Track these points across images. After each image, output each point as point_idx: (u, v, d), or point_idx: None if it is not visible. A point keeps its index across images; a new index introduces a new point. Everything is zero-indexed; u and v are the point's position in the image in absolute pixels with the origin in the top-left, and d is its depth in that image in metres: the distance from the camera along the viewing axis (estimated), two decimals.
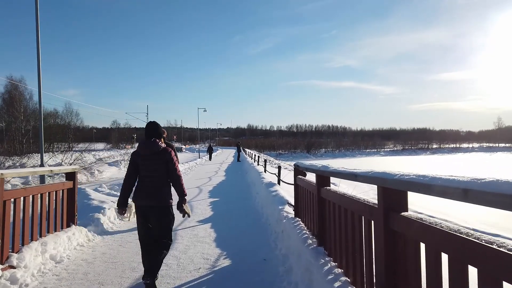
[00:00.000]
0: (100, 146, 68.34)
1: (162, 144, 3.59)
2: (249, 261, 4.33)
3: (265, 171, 13.45)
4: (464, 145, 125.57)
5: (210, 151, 34.91)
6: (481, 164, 46.03)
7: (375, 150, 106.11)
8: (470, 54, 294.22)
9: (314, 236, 3.82)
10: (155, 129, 3.62)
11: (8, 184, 14.04)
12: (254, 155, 27.82)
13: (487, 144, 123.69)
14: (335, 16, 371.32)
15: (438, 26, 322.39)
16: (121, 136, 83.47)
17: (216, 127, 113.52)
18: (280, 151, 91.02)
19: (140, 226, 3.55)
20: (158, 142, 3.52)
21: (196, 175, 17.73)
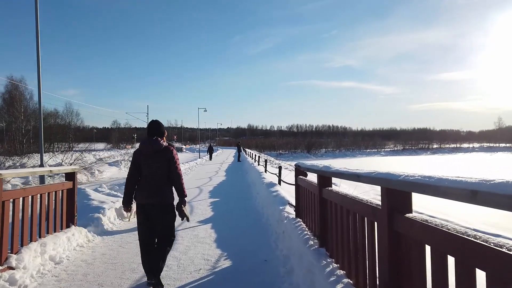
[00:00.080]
0: (100, 146, 68.27)
1: (164, 143, 3.57)
2: (250, 262, 4.30)
3: (265, 171, 13.41)
4: (465, 145, 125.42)
5: (211, 151, 35.15)
6: (482, 164, 45.95)
7: (376, 150, 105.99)
8: (470, 54, 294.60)
9: (315, 237, 3.78)
10: (157, 127, 3.61)
11: (8, 184, 14.01)
12: (255, 155, 27.80)
13: (488, 144, 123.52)
14: (335, 16, 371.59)
15: (438, 26, 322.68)
16: (121, 136, 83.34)
17: (217, 127, 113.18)
18: (280, 151, 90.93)
19: (141, 225, 3.53)
20: (160, 141, 3.52)
21: (196, 175, 17.70)
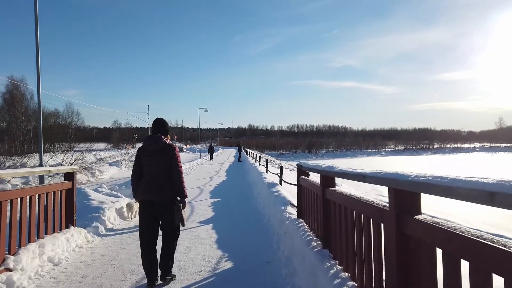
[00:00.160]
0: (101, 146, 68.26)
1: (168, 141, 3.58)
2: (251, 263, 4.23)
3: (266, 171, 13.34)
4: (466, 145, 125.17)
5: (211, 151, 35.23)
6: (483, 164, 45.82)
7: (376, 150, 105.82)
8: (471, 54, 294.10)
9: (318, 238, 3.72)
10: (161, 125, 3.63)
11: (9, 184, 13.96)
12: (255, 155, 27.73)
13: (489, 144, 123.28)
14: (335, 16, 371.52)
15: (438, 26, 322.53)
16: (122, 136, 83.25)
17: (217, 127, 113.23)
18: (281, 151, 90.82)
19: (142, 223, 3.52)
20: (163, 139, 3.53)
21: (197, 175, 17.64)
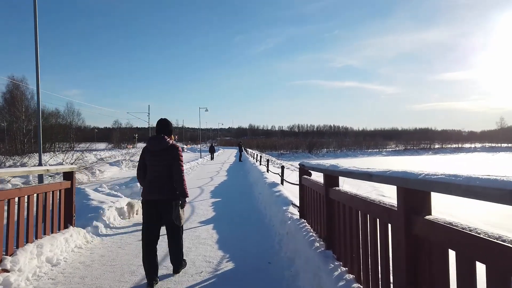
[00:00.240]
0: (101, 146, 68.22)
1: (171, 141, 3.64)
2: (253, 264, 4.16)
3: (267, 171, 13.27)
4: (467, 145, 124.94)
5: (212, 150, 35.18)
6: (484, 164, 45.70)
7: (377, 150, 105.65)
8: (471, 53, 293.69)
9: (321, 239, 3.64)
10: (165, 126, 3.70)
11: (9, 184, 13.91)
12: (256, 155, 27.66)
13: (490, 144, 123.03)
14: (336, 16, 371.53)
15: (439, 26, 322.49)
16: (122, 136, 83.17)
17: (218, 127, 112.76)
18: (281, 151, 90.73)
19: (145, 222, 3.57)
20: (167, 139, 3.59)
21: (197, 175, 17.57)
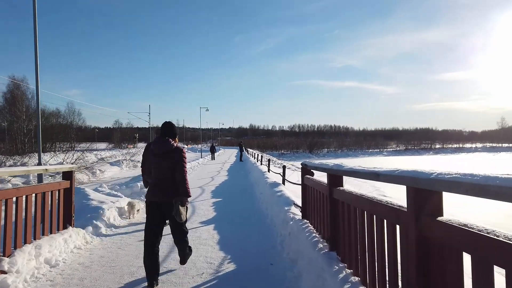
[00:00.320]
0: (102, 146, 68.20)
1: (175, 144, 3.71)
2: (254, 265, 4.09)
3: (268, 170, 13.21)
4: (467, 145, 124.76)
5: (213, 150, 35.21)
6: (485, 164, 45.58)
7: (378, 150, 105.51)
8: (472, 53, 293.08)
9: (325, 240, 3.57)
10: (170, 129, 3.76)
11: (9, 184, 13.87)
12: (257, 154, 27.59)
13: (490, 144, 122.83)
14: (336, 16, 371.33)
15: (439, 26, 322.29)
16: (123, 136, 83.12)
17: (218, 127, 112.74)
18: (282, 151, 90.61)
19: (149, 223, 3.57)
20: (171, 142, 3.65)
21: (198, 175, 17.50)
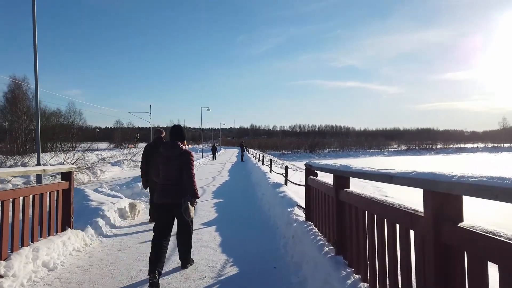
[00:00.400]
0: (103, 146, 68.14)
1: (184, 146, 3.84)
2: (257, 268, 3.99)
3: (270, 171, 13.10)
4: (469, 145, 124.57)
5: (214, 150, 35.16)
6: (487, 165, 45.41)
7: (379, 150, 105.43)
8: (473, 53, 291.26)
9: (330, 243, 3.46)
10: (179, 132, 3.92)
11: (9, 184, 13.79)
12: (259, 154, 27.48)
13: (492, 144, 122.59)
14: (337, 16, 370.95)
15: (439, 26, 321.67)
16: (124, 136, 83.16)
17: (219, 127, 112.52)
18: (283, 151, 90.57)
19: (159, 224, 3.75)
20: (180, 145, 3.79)
21: (199, 175, 17.39)
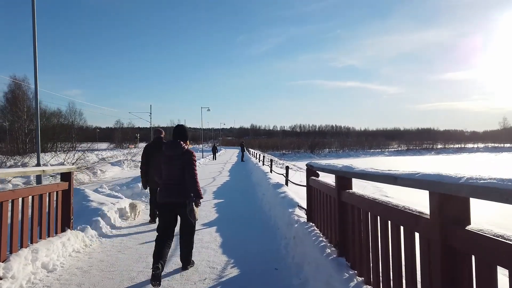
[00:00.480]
0: (103, 146, 68.05)
1: (186, 146, 3.86)
2: (258, 270, 3.95)
3: (271, 171, 13.06)
4: (469, 145, 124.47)
5: (214, 150, 35.16)
6: (488, 165, 45.36)
7: (379, 150, 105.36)
8: (473, 53, 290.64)
9: (332, 244, 3.43)
10: (182, 132, 3.94)
11: (9, 184, 13.77)
12: (259, 154, 27.44)
13: (492, 144, 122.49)
14: (337, 16, 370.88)
15: (440, 26, 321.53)
16: (124, 136, 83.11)
17: (220, 127, 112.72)
18: (283, 151, 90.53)
19: (162, 224, 3.80)
20: (182, 144, 3.81)
21: (200, 175, 17.12)
